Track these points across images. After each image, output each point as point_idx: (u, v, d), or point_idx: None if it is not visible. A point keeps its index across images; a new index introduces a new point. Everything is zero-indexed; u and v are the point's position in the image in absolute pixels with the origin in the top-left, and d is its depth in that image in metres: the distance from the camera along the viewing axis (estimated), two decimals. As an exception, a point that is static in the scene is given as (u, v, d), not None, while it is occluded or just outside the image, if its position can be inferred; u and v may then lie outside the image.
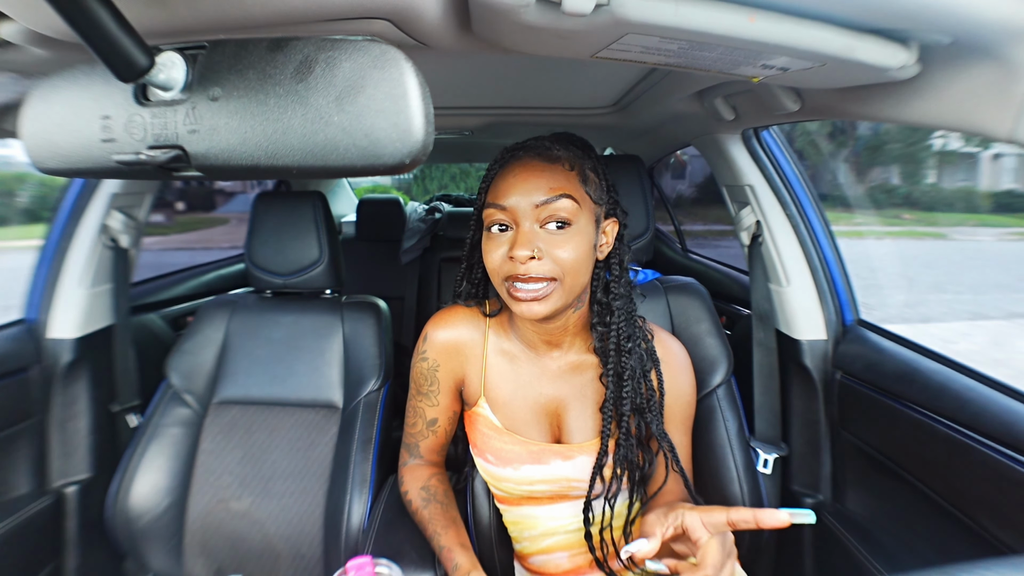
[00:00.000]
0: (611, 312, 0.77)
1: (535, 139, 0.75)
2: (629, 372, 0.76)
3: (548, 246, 0.69)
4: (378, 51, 0.36)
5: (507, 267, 0.70)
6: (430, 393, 0.86)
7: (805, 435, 1.14)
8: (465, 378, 0.85)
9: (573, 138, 0.78)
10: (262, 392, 1.15)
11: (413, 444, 0.90)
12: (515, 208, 0.69)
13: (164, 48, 0.39)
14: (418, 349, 0.87)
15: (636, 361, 0.77)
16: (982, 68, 0.53)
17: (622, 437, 0.76)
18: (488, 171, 0.77)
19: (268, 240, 1.18)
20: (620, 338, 0.77)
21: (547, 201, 0.68)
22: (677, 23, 0.47)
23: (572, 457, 0.78)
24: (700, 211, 5.88)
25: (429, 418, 0.87)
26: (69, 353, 1.18)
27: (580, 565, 0.83)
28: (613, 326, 0.77)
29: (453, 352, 0.84)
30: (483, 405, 0.83)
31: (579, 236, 0.70)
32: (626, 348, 0.76)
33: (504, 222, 0.71)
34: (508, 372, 0.83)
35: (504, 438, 0.80)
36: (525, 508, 0.84)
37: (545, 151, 0.72)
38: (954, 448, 0.81)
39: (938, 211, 12.61)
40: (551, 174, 0.70)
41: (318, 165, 0.37)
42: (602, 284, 0.78)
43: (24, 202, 7.09)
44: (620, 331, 0.77)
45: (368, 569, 0.70)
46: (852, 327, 1.12)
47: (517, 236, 0.69)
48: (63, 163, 0.43)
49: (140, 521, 1.04)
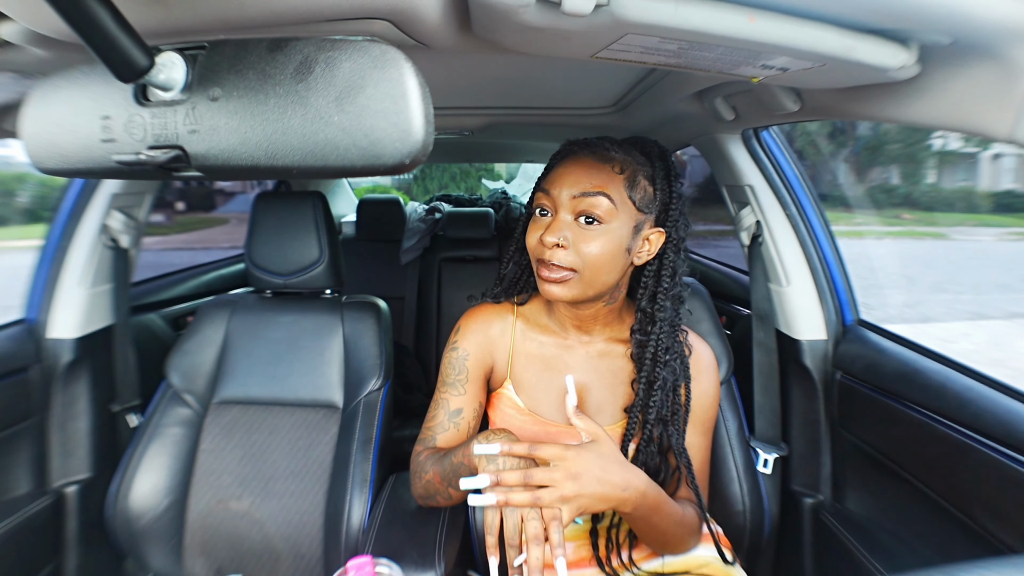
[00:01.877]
0: (653, 323, 0.78)
1: (600, 137, 0.78)
2: (660, 383, 0.78)
3: (575, 237, 0.73)
4: (378, 51, 0.36)
5: (538, 249, 0.76)
6: (457, 382, 0.86)
7: (805, 435, 1.14)
8: (494, 365, 0.88)
9: (645, 145, 0.79)
10: (262, 392, 1.15)
11: (429, 438, 0.86)
12: (557, 196, 0.74)
13: (164, 48, 0.39)
14: (449, 341, 0.89)
15: (669, 373, 0.79)
16: (982, 68, 0.53)
17: (643, 443, 0.78)
18: (550, 160, 0.81)
19: (268, 240, 1.18)
20: (658, 349, 0.78)
21: (584, 195, 0.72)
22: (677, 23, 0.47)
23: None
24: (700, 211, 5.88)
25: (453, 408, 0.86)
26: (69, 353, 1.18)
27: (582, 558, 0.83)
28: (653, 336, 0.78)
29: (484, 340, 0.87)
30: (508, 387, 0.85)
31: (607, 236, 0.73)
32: (662, 360, 0.78)
33: (545, 207, 0.77)
34: (535, 356, 0.85)
35: (525, 418, 0.83)
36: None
37: (602, 150, 0.75)
38: (954, 448, 0.81)
39: (938, 211, 12.61)
40: (597, 172, 0.73)
41: (318, 165, 0.37)
42: (649, 293, 0.79)
43: (24, 202, 7.09)
44: (660, 343, 0.78)
45: (368, 569, 0.70)
46: (852, 327, 1.12)
47: (552, 222, 0.74)
48: (63, 163, 0.43)
49: (140, 521, 1.04)
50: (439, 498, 0.82)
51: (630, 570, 0.81)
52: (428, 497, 0.84)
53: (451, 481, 0.77)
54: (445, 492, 0.80)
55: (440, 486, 0.80)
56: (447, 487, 0.78)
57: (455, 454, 0.76)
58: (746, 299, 1.35)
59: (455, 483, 0.76)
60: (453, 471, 0.76)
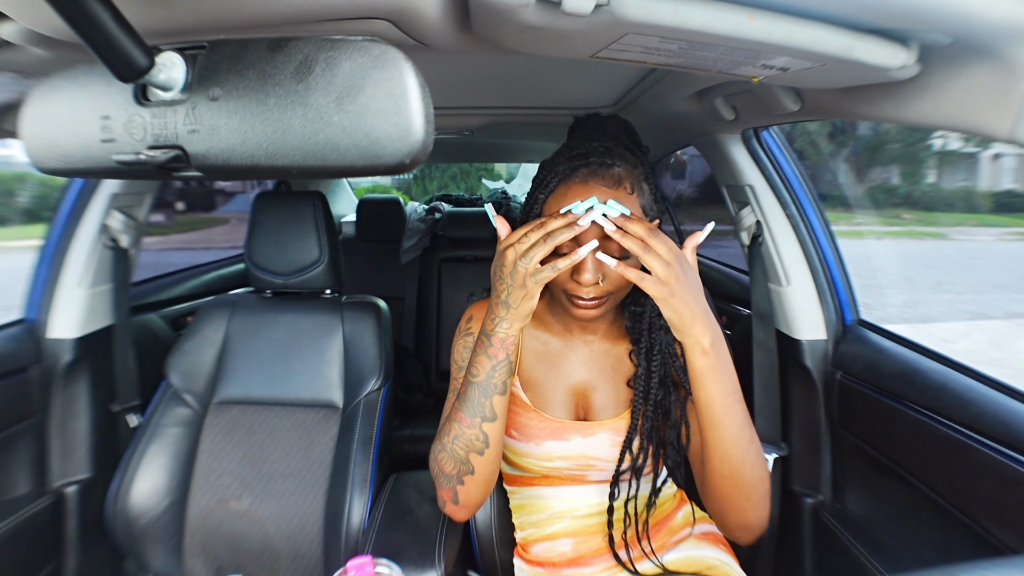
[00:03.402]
0: (647, 297, 0.79)
1: (596, 148, 0.73)
2: (659, 347, 0.80)
3: (608, 271, 0.71)
4: (378, 51, 0.36)
5: (570, 285, 0.73)
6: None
7: (805, 435, 1.15)
8: None
9: (629, 142, 0.78)
10: (262, 392, 1.15)
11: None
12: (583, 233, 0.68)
13: (164, 48, 0.39)
14: (463, 328, 0.87)
15: (665, 335, 0.81)
16: (982, 68, 0.53)
17: (649, 410, 0.79)
18: (546, 174, 0.75)
19: (268, 240, 1.18)
20: (652, 316, 0.80)
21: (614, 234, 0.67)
22: (677, 23, 0.47)
23: (592, 434, 0.81)
24: (700, 211, 5.88)
25: None
26: (69, 353, 1.18)
27: (583, 554, 0.83)
28: (648, 306, 0.80)
29: None
30: (515, 384, 0.85)
31: (634, 258, 0.70)
32: (657, 325, 0.80)
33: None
34: (540, 354, 0.86)
35: (530, 415, 0.83)
36: (537, 488, 0.86)
37: (607, 170, 0.71)
38: (954, 448, 0.81)
39: (938, 211, 12.62)
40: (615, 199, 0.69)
41: (318, 165, 0.37)
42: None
43: (24, 202, 7.09)
44: (653, 310, 0.80)
45: (368, 569, 0.70)
46: (852, 327, 1.12)
47: (583, 262, 0.70)
48: (63, 163, 0.43)
49: (140, 521, 1.04)
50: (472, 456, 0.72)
51: (650, 559, 0.82)
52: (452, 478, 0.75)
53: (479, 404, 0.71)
54: (480, 437, 0.72)
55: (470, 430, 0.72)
56: (480, 422, 0.71)
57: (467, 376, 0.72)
58: (746, 299, 1.35)
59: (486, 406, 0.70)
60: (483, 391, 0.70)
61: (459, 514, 0.79)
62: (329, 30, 0.50)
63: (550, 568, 0.84)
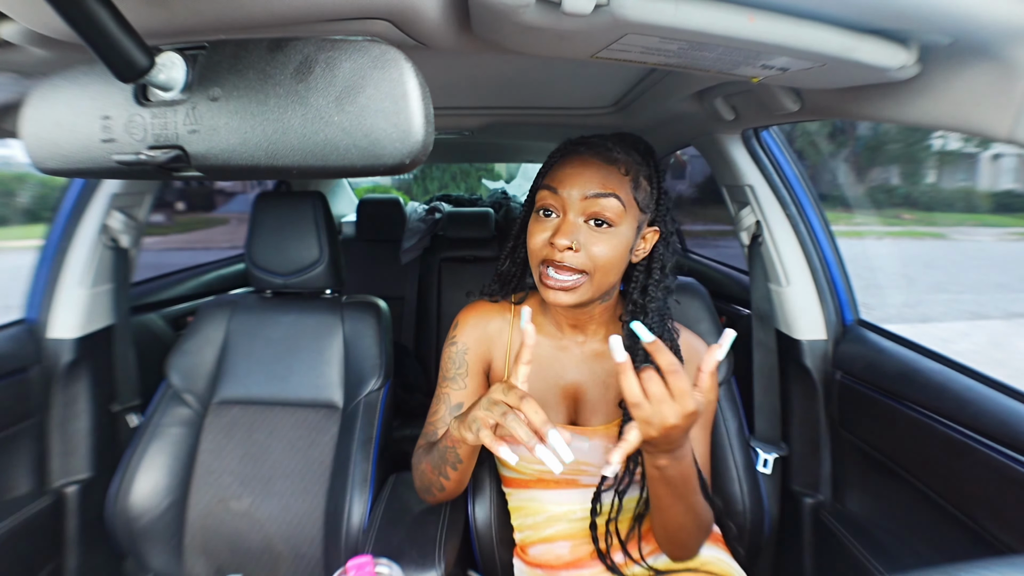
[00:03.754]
0: (645, 314, 0.79)
1: (599, 137, 0.78)
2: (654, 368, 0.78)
3: (587, 240, 0.73)
4: (378, 51, 0.36)
5: (545, 251, 0.74)
6: (457, 376, 0.86)
7: (805, 435, 1.15)
8: (492, 361, 0.88)
9: (636, 143, 0.80)
10: (262, 392, 1.15)
11: (431, 433, 0.86)
12: (566, 197, 0.73)
13: (164, 48, 0.39)
14: (448, 336, 0.89)
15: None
16: (982, 68, 0.53)
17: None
18: (548, 158, 0.81)
19: (268, 240, 1.18)
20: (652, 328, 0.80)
21: (596, 195, 0.72)
22: (677, 23, 0.47)
23: (584, 439, 0.81)
24: (700, 211, 5.89)
25: (454, 403, 0.86)
26: (69, 353, 1.18)
27: (581, 557, 0.83)
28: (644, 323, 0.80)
29: (482, 336, 0.88)
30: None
31: (617, 238, 0.73)
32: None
33: (552, 207, 0.75)
34: (533, 357, 0.85)
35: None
36: (533, 491, 0.85)
37: (605, 151, 0.75)
38: (954, 448, 0.81)
39: (938, 211, 12.61)
40: (606, 173, 0.73)
41: (318, 165, 0.37)
42: (640, 286, 0.80)
43: (24, 202, 7.09)
44: (651, 329, 0.79)
45: (368, 569, 0.70)
46: (852, 327, 1.12)
47: (561, 224, 0.73)
48: (63, 163, 0.43)
49: (140, 521, 1.04)
50: (434, 490, 0.82)
51: (639, 564, 0.82)
52: (425, 490, 0.85)
53: (440, 469, 0.77)
54: (438, 482, 0.80)
55: (432, 476, 0.80)
56: (438, 476, 0.79)
57: (441, 440, 0.77)
58: (746, 299, 1.35)
59: (444, 471, 0.77)
60: (441, 458, 0.77)
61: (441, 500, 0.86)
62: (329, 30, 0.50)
63: (548, 570, 0.84)
